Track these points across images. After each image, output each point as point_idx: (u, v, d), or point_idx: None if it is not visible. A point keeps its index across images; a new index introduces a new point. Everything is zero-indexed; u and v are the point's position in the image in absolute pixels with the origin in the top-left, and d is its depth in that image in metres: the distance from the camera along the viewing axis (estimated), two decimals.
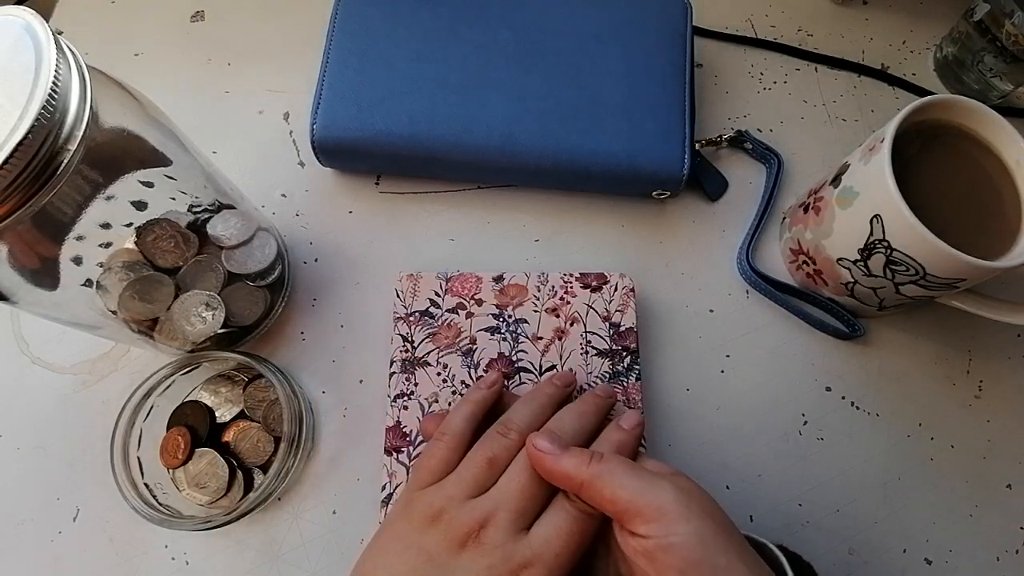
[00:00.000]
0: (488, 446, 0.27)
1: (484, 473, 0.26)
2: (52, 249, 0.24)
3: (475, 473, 0.26)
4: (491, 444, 0.27)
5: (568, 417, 0.28)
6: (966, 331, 0.40)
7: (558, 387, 0.30)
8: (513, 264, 0.40)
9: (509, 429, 0.27)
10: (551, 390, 0.30)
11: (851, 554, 0.34)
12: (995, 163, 0.34)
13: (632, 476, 0.24)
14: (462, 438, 0.28)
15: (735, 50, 0.47)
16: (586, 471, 0.24)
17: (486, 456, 0.26)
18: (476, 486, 0.25)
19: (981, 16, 0.43)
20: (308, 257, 0.39)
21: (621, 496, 0.23)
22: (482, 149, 0.38)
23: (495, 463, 0.26)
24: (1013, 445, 0.37)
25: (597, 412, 0.29)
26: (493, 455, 0.26)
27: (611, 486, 0.23)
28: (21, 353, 0.37)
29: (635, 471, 0.24)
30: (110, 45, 0.45)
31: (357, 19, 0.40)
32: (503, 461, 0.26)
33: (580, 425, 0.28)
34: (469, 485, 0.25)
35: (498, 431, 0.27)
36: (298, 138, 0.42)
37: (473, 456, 0.27)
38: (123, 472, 0.31)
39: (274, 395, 0.34)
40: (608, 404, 0.30)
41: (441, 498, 0.25)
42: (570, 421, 0.28)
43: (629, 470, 0.24)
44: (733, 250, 0.41)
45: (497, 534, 0.24)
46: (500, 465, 0.26)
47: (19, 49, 0.21)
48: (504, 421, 0.28)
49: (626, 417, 0.28)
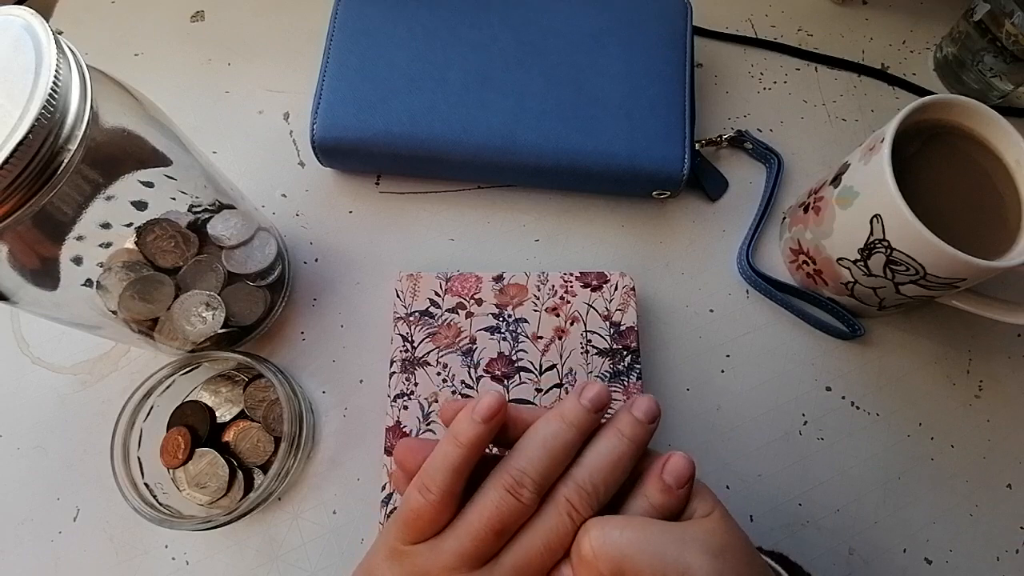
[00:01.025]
0: (495, 510, 0.21)
1: (490, 543, 0.21)
2: (52, 249, 0.24)
3: (479, 544, 0.21)
4: (499, 508, 0.21)
5: (601, 466, 0.22)
6: (966, 331, 0.40)
7: (587, 412, 0.22)
8: (513, 264, 0.40)
9: (522, 486, 0.21)
10: (580, 419, 0.22)
11: (851, 554, 0.34)
12: (995, 163, 0.34)
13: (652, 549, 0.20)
14: (451, 495, 0.22)
15: (735, 50, 0.47)
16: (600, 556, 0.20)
17: (493, 527, 0.21)
18: (481, 558, 0.21)
19: (981, 16, 0.43)
20: (308, 257, 0.39)
21: None
22: (482, 149, 0.38)
23: (504, 533, 0.21)
24: (1013, 445, 0.37)
25: (637, 452, 0.22)
26: (502, 526, 0.21)
27: (632, 567, 0.19)
28: (21, 353, 0.37)
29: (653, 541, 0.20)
30: (110, 45, 0.45)
31: (357, 19, 0.40)
32: (514, 526, 0.21)
33: (615, 478, 0.22)
34: (471, 559, 0.21)
35: (507, 487, 0.21)
36: (298, 138, 0.42)
37: (476, 521, 0.21)
38: (123, 472, 0.31)
39: (274, 395, 0.34)
40: (650, 433, 0.23)
41: (440, 568, 0.21)
42: (603, 472, 0.22)
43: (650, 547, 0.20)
44: (733, 250, 0.41)
45: None
46: (510, 532, 0.21)
47: (19, 49, 0.21)
48: (515, 472, 0.21)
49: (672, 470, 0.22)
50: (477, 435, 0.22)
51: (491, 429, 0.22)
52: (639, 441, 0.22)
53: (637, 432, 0.22)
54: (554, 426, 0.22)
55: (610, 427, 0.23)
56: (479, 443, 0.22)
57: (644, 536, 0.20)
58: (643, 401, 0.23)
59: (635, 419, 0.22)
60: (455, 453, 0.22)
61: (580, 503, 0.21)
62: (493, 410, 0.22)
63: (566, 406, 0.23)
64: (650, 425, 0.23)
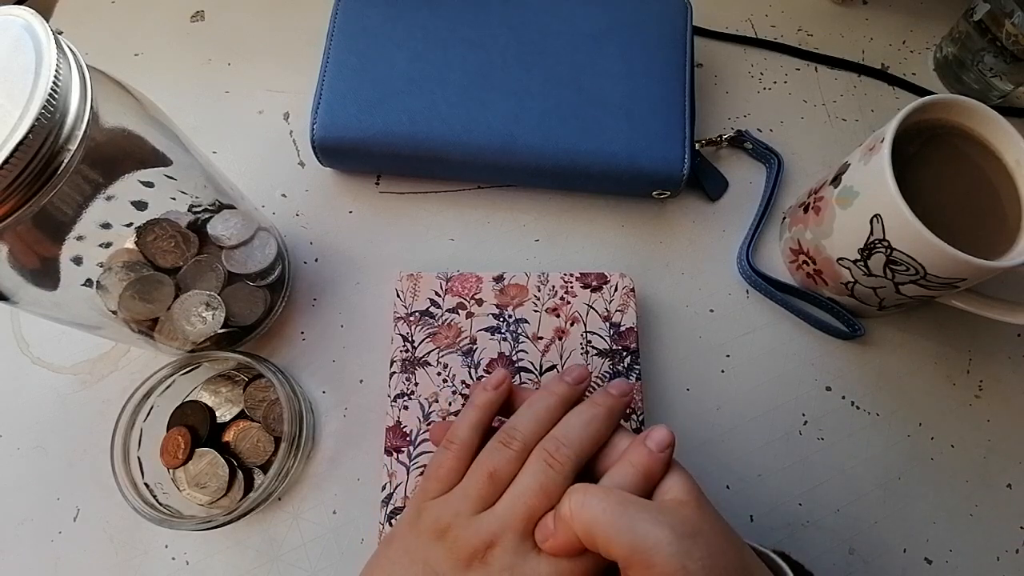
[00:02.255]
0: (489, 459, 0.25)
1: (487, 488, 0.25)
2: (52, 249, 0.24)
3: (478, 488, 0.25)
4: (492, 456, 0.25)
5: (576, 423, 0.26)
6: (966, 331, 0.40)
7: (568, 385, 0.27)
8: (513, 264, 0.40)
9: (512, 439, 0.25)
10: (561, 389, 0.27)
11: (851, 554, 0.34)
12: (995, 163, 0.34)
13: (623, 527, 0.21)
14: (469, 446, 0.27)
15: (735, 50, 0.47)
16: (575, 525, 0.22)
17: (487, 470, 0.25)
18: (481, 501, 0.24)
19: (981, 16, 0.43)
20: (308, 257, 0.39)
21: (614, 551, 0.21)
22: (482, 149, 0.38)
23: (496, 477, 0.25)
24: (1013, 445, 0.37)
25: (609, 416, 0.26)
26: (494, 469, 0.25)
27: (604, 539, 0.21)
28: (21, 353, 0.37)
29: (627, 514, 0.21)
30: (110, 45, 0.45)
31: (357, 19, 0.40)
32: (506, 474, 0.25)
33: (588, 434, 0.25)
34: (473, 500, 0.24)
35: (500, 440, 0.26)
36: (298, 138, 0.42)
37: (475, 469, 0.25)
38: (123, 472, 0.31)
39: (274, 395, 0.34)
40: (623, 405, 0.27)
41: (448, 513, 0.24)
42: (577, 428, 0.25)
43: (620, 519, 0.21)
44: (733, 250, 0.41)
45: (504, 556, 0.23)
46: (503, 479, 0.25)
47: (19, 49, 0.21)
48: (507, 429, 0.26)
49: (655, 436, 0.24)
50: (488, 399, 0.28)
51: (500, 395, 0.28)
52: (608, 407, 0.26)
53: (608, 401, 0.26)
54: (539, 395, 0.27)
55: (586, 400, 0.27)
56: (490, 406, 0.28)
57: (619, 508, 0.22)
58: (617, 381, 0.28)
59: (608, 393, 0.27)
60: (471, 415, 0.27)
61: (556, 451, 0.24)
62: (499, 381, 0.28)
63: (551, 381, 0.28)
64: (621, 399, 0.27)
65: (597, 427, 0.26)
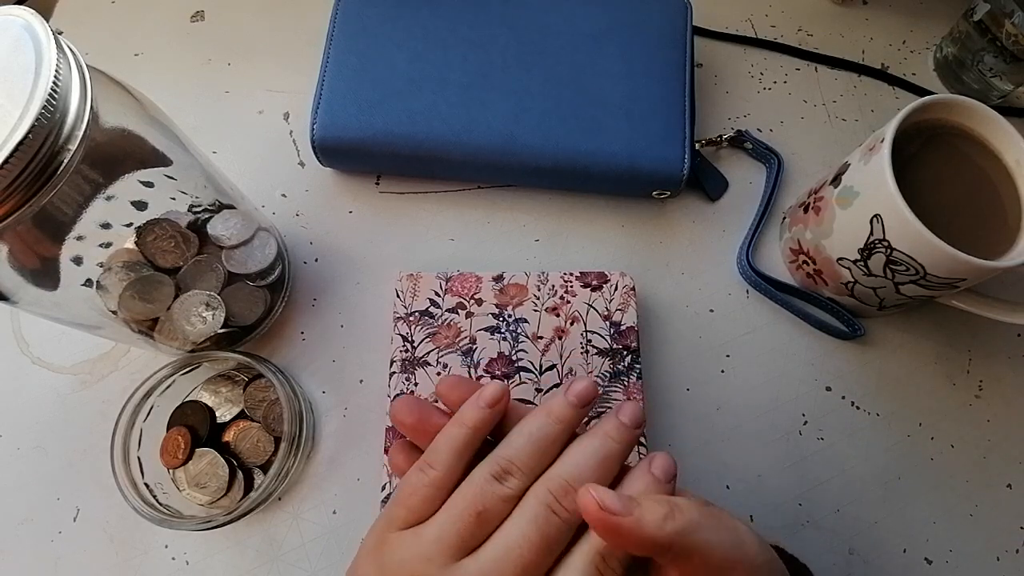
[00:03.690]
0: (478, 494, 0.21)
1: (472, 530, 0.20)
2: (52, 249, 0.24)
3: (460, 529, 0.20)
4: (483, 493, 0.21)
5: (587, 463, 0.21)
6: (966, 331, 0.40)
7: (574, 408, 0.23)
8: (513, 264, 0.40)
9: (507, 473, 0.21)
10: (566, 414, 0.22)
11: (851, 554, 0.34)
12: (995, 163, 0.34)
13: (720, 528, 0.20)
14: (451, 474, 0.22)
15: (735, 50, 0.47)
16: (670, 529, 0.19)
17: (475, 509, 0.20)
18: (460, 547, 0.20)
19: (981, 16, 0.43)
20: (308, 257, 0.39)
21: (715, 554, 0.19)
22: (482, 149, 0.38)
23: (486, 518, 0.20)
24: (1013, 445, 0.37)
25: (622, 455, 0.22)
26: (484, 508, 0.20)
27: (704, 545, 0.19)
28: (21, 353, 0.37)
29: (717, 520, 0.20)
30: (110, 45, 0.45)
31: (357, 19, 0.40)
32: (496, 515, 0.21)
33: (602, 474, 0.21)
34: (453, 545, 0.20)
35: (492, 473, 0.21)
36: (298, 138, 0.42)
37: (459, 504, 0.21)
38: (123, 472, 0.31)
39: (274, 395, 0.34)
40: (636, 438, 0.22)
41: (417, 559, 0.20)
42: (590, 466, 0.21)
43: (713, 520, 0.20)
44: (733, 250, 0.41)
45: None
46: (492, 520, 0.21)
47: (19, 49, 0.21)
48: (501, 460, 0.22)
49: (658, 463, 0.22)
50: (481, 418, 0.23)
51: (495, 414, 0.23)
52: (624, 442, 0.22)
53: (623, 435, 0.22)
54: (540, 420, 0.22)
55: (596, 429, 0.23)
56: (483, 426, 0.23)
57: (710, 511, 0.20)
58: (629, 407, 0.23)
59: (621, 423, 0.22)
60: (459, 433, 0.22)
61: (564, 497, 0.20)
62: (496, 397, 0.23)
63: (552, 401, 0.23)
64: (636, 430, 0.22)
65: (611, 467, 0.22)
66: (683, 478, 0.25)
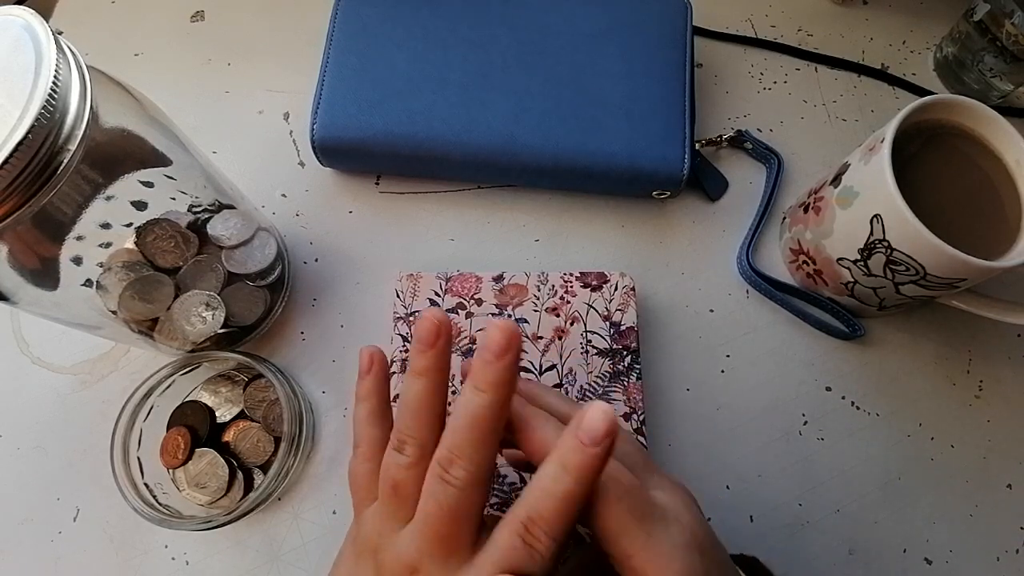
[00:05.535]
0: (385, 468, 0.22)
1: (396, 502, 0.22)
2: (52, 249, 0.24)
3: (387, 502, 0.22)
4: (387, 466, 0.22)
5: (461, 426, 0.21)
6: (966, 331, 0.40)
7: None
8: (513, 264, 0.40)
9: (403, 444, 0.22)
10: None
11: (851, 554, 0.34)
12: (995, 163, 0.34)
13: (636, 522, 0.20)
14: (372, 446, 0.24)
15: (735, 50, 0.47)
16: None
17: (389, 484, 0.22)
18: (395, 517, 0.22)
19: (981, 16, 0.43)
20: (308, 257, 0.39)
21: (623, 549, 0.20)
22: (482, 149, 0.38)
23: (402, 491, 0.21)
24: (1013, 445, 0.37)
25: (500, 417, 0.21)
26: (395, 481, 0.22)
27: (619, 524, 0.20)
28: (21, 353, 0.37)
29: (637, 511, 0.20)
30: (110, 45, 0.45)
31: (357, 19, 0.40)
32: (414, 484, 0.21)
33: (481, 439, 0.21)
34: (389, 517, 0.22)
35: (392, 446, 0.22)
36: (298, 138, 0.42)
37: (382, 480, 0.22)
38: (123, 472, 0.31)
39: (274, 395, 0.34)
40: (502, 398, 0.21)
41: (373, 531, 0.22)
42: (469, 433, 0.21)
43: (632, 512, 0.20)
44: (733, 250, 0.41)
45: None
46: (412, 490, 0.21)
47: (19, 49, 0.21)
48: (397, 433, 0.22)
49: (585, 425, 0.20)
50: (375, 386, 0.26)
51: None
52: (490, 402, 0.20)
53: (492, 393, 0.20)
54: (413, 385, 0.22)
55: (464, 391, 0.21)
56: (383, 393, 0.26)
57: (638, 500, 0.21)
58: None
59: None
60: (361, 409, 0.25)
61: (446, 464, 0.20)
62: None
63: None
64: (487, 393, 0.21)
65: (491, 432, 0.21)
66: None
